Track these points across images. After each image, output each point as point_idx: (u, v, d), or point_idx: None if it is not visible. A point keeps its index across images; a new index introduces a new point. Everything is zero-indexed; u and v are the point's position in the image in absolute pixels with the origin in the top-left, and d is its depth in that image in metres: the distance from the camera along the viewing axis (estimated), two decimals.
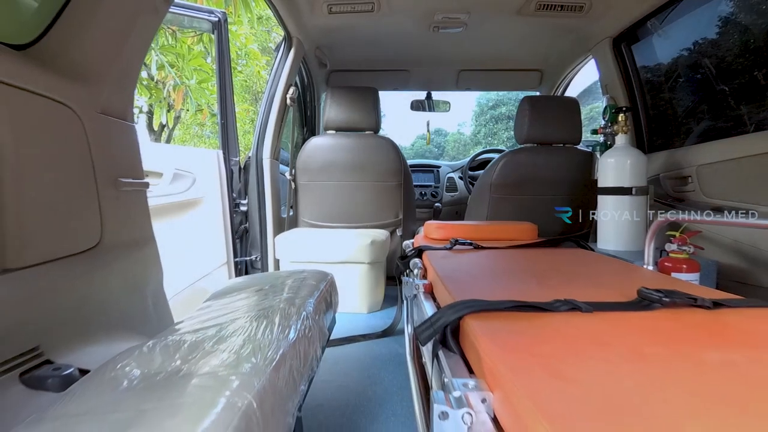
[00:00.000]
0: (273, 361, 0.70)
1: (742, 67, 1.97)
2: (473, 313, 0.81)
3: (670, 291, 0.95)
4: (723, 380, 0.54)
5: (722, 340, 0.70)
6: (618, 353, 0.63)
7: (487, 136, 22.28)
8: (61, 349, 0.97)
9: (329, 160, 2.78)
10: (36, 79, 0.96)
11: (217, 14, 2.43)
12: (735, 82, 2.01)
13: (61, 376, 0.88)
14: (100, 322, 1.11)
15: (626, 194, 2.09)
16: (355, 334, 2.06)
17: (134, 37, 1.23)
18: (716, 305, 0.90)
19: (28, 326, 0.90)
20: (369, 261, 2.38)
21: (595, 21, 2.52)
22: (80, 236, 1.08)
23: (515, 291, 0.99)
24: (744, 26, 1.94)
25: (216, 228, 2.50)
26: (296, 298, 1.08)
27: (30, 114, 0.94)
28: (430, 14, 2.56)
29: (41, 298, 0.94)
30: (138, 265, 1.29)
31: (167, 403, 0.56)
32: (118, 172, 1.20)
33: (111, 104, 1.18)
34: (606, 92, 2.68)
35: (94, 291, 1.10)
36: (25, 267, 0.91)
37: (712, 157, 1.97)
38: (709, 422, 0.44)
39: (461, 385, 0.62)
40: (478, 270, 1.34)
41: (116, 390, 0.64)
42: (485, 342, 0.66)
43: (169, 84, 6.11)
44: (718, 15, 2.04)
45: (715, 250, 1.92)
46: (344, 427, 1.29)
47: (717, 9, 2.04)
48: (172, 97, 6.26)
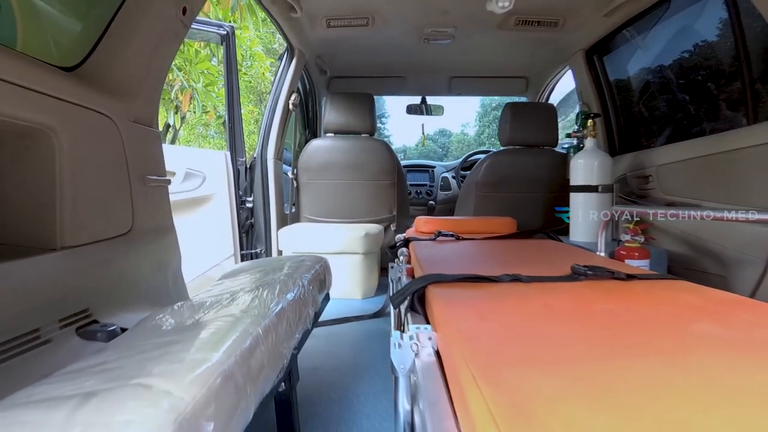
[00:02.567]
0: (274, 312, 0.93)
1: (699, 78, 2.19)
2: (435, 283, 1.03)
3: (595, 267, 1.18)
4: (611, 323, 0.75)
5: (623, 299, 0.91)
6: (536, 308, 0.85)
7: (490, 136, 22.43)
8: (105, 312, 1.21)
9: (328, 160, 3.02)
10: (82, 95, 1.20)
11: (225, 27, 2.67)
12: (691, 91, 2.24)
13: (107, 331, 1.12)
14: (133, 293, 1.35)
15: (593, 191, 2.32)
16: (349, 315, 2.30)
17: (159, 58, 1.48)
18: (629, 277, 1.13)
19: (80, 292, 1.14)
20: (363, 251, 2.62)
21: (569, 34, 2.75)
22: (117, 223, 1.32)
23: (476, 270, 1.18)
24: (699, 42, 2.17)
25: (224, 223, 2.73)
26: (294, 274, 1.32)
27: (80, 123, 1.18)
28: (420, 28, 2.79)
29: (89, 271, 1.19)
30: (161, 249, 1.53)
31: (191, 338, 0.78)
32: (146, 171, 1.44)
33: (141, 114, 1.42)
34: (581, 99, 2.91)
35: (128, 268, 1.34)
36: (78, 245, 1.15)
37: (668, 159, 2.19)
38: (590, 342, 0.64)
39: (415, 329, 0.84)
40: (452, 255, 1.57)
41: (153, 338, 0.86)
42: (438, 302, 0.88)
43: (176, 86, 6.34)
44: (677, 31, 2.27)
45: (668, 241, 2.14)
46: (335, 385, 1.53)
47: (676, 25, 2.26)
48: (180, 99, 6.50)
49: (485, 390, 0.48)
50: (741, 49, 1.82)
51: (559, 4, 2.42)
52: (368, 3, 2.52)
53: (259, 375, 0.77)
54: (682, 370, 0.52)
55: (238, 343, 0.74)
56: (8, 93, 0.94)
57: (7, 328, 0.90)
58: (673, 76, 2.33)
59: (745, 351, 0.60)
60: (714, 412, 0.43)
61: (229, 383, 0.65)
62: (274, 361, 0.87)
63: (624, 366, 0.54)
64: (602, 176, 2.32)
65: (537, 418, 0.42)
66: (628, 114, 2.75)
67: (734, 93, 1.95)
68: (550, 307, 0.88)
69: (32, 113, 1.02)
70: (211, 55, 6.43)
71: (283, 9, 2.47)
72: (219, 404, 0.59)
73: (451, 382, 0.64)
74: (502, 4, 1.92)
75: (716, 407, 0.43)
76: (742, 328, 0.72)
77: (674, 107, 2.38)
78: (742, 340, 0.66)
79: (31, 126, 1.03)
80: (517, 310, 0.85)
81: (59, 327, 1.04)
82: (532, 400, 0.45)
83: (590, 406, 0.43)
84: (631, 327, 0.73)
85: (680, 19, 2.21)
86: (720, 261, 1.87)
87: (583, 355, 0.59)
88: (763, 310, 0.83)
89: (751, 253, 1.70)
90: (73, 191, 1.13)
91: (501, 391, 0.48)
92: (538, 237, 2.09)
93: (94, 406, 0.52)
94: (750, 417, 0.42)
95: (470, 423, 0.48)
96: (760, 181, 1.69)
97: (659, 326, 0.73)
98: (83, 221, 1.17)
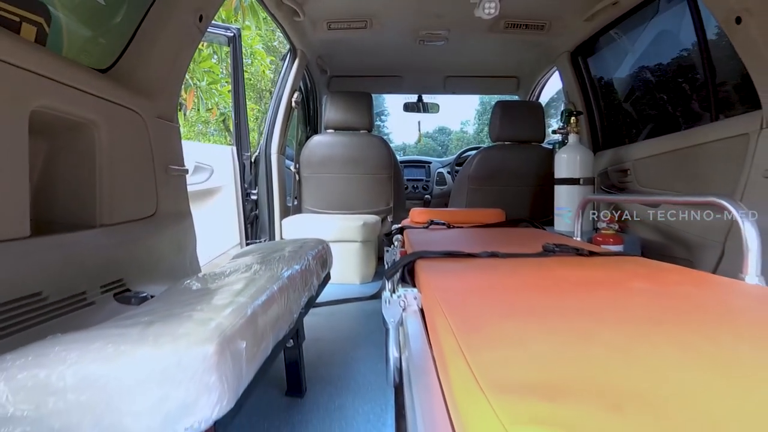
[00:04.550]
0: (285, 276, 1.11)
1: (670, 79, 2.38)
2: (423, 258, 1.21)
3: (562, 244, 1.37)
4: (567, 285, 0.91)
5: (581, 269, 1.09)
6: (507, 275, 1.02)
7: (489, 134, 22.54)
8: (136, 283, 1.39)
9: (329, 155, 3.20)
10: (116, 93, 1.38)
11: (232, 30, 2.85)
12: (664, 91, 2.42)
13: (140, 297, 1.30)
14: (157, 269, 1.53)
15: (575, 184, 2.50)
16: (349, 297, 2.49)
17: (179, 61, 1.66)
18: (591, 254, 1.31)
19: (116, 264, 1.32)
20: (361, 239, 2.80)
21: (555, 37, 2.93)
22: (144, 206, 1.50)
23: (461, 249, 1.35)
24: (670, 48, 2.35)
25: (230, 214, 2.91)
26: (300, 251, 1.49)
27: (115, 118, 1.36)
28: (415, 30, 2.98)
29: (122, 246, 1.37)
30: (180, 231, 1.71)
31: (220, 291, 0.96)
32: (168, 161, 1.62)
33: (164, 110, 1.60)
34: (567, 98, 3.10)
35: (153, 246, 1.52)
36: (113, 224, 1.33)
37: (643, 153, 2.38)
38: (545, 297, 0.79)
39: (403, 290, 1.02)
40: (442, 239, 1.75)
41: (184, 296, 1.02)
42: (424, 271, 1.05)
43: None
44: (651, 36, 2.45)
45: (643, 229, 2.32)
46: (335, 352, 1.71)
47: (651, 31, 2.44)
48: (183, 97, 6.65)
49: (458, 334, 0.57)
50: (704, 52, 2.01)
51: (545, 9, 2.61)
52: (366, 7, 2.70)
53: (275, 323, 0.95)
54: (613, 317, 0.68)
55: (258, 294, 0.92)
56: (60, 92, 1.12)
57: (62, 288, 1.08)
58: (649, 77, 2.52)
59: (669, 301, 0.78)
60: (640, 339, 0.58)
61: (254, 321, 0.82)
62: (286, 315, 1.05)
63: (567, 315, 0.68)
64: (584, 169, 2.50)
65: (499, 350, 0.54)
66: (610, 112, 2.93)
67: (701, 93, 2.13)
68: (519, 274, 1.06)
69: (78, 109, 1.20)
70: (212, 54, 6.59)
71: (287, 14, 2.66)
72: (248, 333, 0.77)
73: (431, 331, 0.78)
74: (488, 11, 2.10)
75: (642, 337, 0.59)
76: (669, 285, 0.90)
77: (650, 105, 2.56)
78: (667, 294, 0.84)
79: (77, 120, 1.21)
80: (491, 277, 1.02)
81: (100, 292, 1.22)
82: (497, 336, 0.58)
83: (539, 338, 0.58)
84: (583, 287, 0.90)
85: (655, 25, 2.39)
86: (686, 246, 2.05)
87: (540, 307, 0.74)
88: (687, 273, 1.02)
89: (712, 238, 1.88)
90: (109, 177, 1.31)
91: (471, 334, 0.57)
92: (523, 226, 2.27)
93: (157, 326, 0.70)
94: (662, 334, 0.59)
95: (444, 360, 0.58)
96: (719, 172, 1.87)
97: (605, 287, 0.90)
98: (117, 203, 1.35)
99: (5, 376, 0.60)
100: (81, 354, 0.62)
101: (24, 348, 0.66)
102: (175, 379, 0.61)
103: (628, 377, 0.47)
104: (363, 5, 2.68)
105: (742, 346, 0.58)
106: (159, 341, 0.65)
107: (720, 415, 0.39)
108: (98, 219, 1.29)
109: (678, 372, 0.49)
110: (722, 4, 1.71)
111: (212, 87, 6.49)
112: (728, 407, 0.41)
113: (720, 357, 0.52)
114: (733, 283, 0.99)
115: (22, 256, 0.97)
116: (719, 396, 0.43)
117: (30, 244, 1.01)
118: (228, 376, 0.67)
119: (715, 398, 0.42)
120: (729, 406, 0.41)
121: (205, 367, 0.63)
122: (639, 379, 0.46)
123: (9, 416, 0.59)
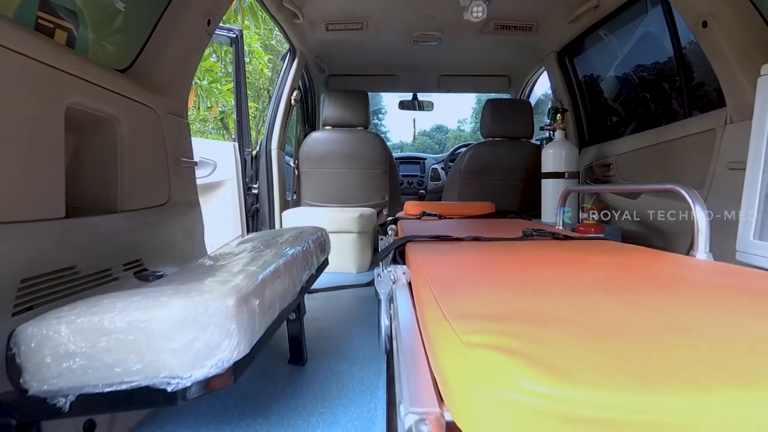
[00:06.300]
0: (289, 254, 1.25)
1: (652, 78, 2.52)
2: (412, 241, 1.35)
3: (540, 230, 1.51)
4: (541, 264, 1.04)
5: (555, 250, 1.22)
6: (487, 255, 1.16)
7: None
8: (152, 264, 1.52)
9: (327, 151, 3.35)
10: (134, 91, 1.52)
11: (234, 31, 2.97)
12: (647, 88, 2.57)
13: (156, 275, 1.43)
14: (170, 253, 1.66)
15: (561, 178, 2.65)
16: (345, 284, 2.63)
17: (189, 61, 1.79)
18: (566, 238, 1.45)
19: (135, 247, 1.46)
20: (358, 230, 2.94)
21: (543, 38, 3.08)
22: (158, 195, 1.64)
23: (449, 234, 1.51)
24: (648, 50, 2.49)
25: (232, 207, 3.03)
26: (300, 236, 1.63)
27: (134, 114, 1.49)
28: (410, 31, 3.12)
29: (140, 230, 1.50)
30: (189, 219, 1.85)
31: (234, 263, 1.10)
32: (179, 154, 1.76)
33: (176, 107, 1.74)
34: (554, 96, 3.24)
35: (166, 232, 1.66)
36: (132, 210, 1.47)
37: (624, 148, 2.53)
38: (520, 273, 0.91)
39: (393, 267, 1.15)
40: (432, 228, 1.89)
41: (199, 270, 1.16)
42: (413, 252, 1.19)
43: None
44: (633, 39, 2.59)
45: (624, 221, 2.47)
46: (333, 329, 1.86)
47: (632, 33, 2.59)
48: None
49: (439, 299, 0.65)
50: (677, 54, 2.15)
51: (532, 11, 2.75)
52: (362, 9, 2.84)
53: (281, 292, 1.09)
54: (567, 281, 0.82)
55: (267, 266, 1.06)
56: (88, 90, 1.26)
57: (91, 264, 1.21)
58: (631, 77, 2.66)
59: (621, 271, 0.92)
60: (583, 292, 0.72)
61: (264, 287, 0.96)
62: (291, 287, 1.19)
63: (530, 281, 0.82)
64: (569, 164, 2.65)
65: (468, 300, 0.66)
66: (594, 109, 3.08)
67: (677, 92, 2.28)
68: (498, 254, 1.20)
69: (103, 105, 1.34)
70: (211, 53, 6.70)
71: (287, 16, 2.80)
72: (260, 296, 0.91)
73: (417, 300, 0.89)
74: (476, 14, 2.24)
75: (586, 292, 0.72)
76: (627, 261, 1.06)
77: (632, 103, 2.71)
78: (622, 266, 0.99)
79: (102, 116, 1.35)
80: (472, 256, 1.16)
81: (123, 270, 1.36)
82: (469, 294, 0.71)
83: (500, 293, 0.71)
84: (550, 263, 1.04)
85: (636, 28, 2.54)
86: (663, 235, 2.20)
87: (510, 277, 0.87)
88: (647, 251, 1.17)
89: (682, 227, 2.03)
90: (129, 168, 1.45)
91: (450, 297, 0.67)
92: (510, 217, 2.42)
93: (185, 287, 0.83)
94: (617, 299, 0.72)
95: (425, 322, 0.67)
96: (692, 164, 2.02)
97: (569, 263, 1.04)
98: (135, 191, 1.49)
99: (66, 320, 0.74)
100: (126, 303, 0.76)
101: (78, 301, 0.80)
102: (203, 324, 0.75)
103: (559, 310, 0.61)
104: (359, 7, 2.82)
105: (664, 296, 0.72)
106: (190, 294, 0.79)
107: (620, 330, 0.53)
108: (119, 205, 1.43)
109: (601, 308, 0.63)
110: (691, 9, 1.85)
111: (213, 86, 6.62)
112: (631, 329, 0.54)
113: (642, 302, 0.67)
114: (684, 258, 1.14)
115: (59, 234, 1.11)
116: (627, 321, 0.57)
117: (65, 224, 1.14)
118: (244, 326, 0.81)
119: (623, 323, 0.56)
120: (632, 328, 0.54)
121: (227, 316, 0.77)
122: (569, 312, 0.61)
123: (71, 352, 0.73)
